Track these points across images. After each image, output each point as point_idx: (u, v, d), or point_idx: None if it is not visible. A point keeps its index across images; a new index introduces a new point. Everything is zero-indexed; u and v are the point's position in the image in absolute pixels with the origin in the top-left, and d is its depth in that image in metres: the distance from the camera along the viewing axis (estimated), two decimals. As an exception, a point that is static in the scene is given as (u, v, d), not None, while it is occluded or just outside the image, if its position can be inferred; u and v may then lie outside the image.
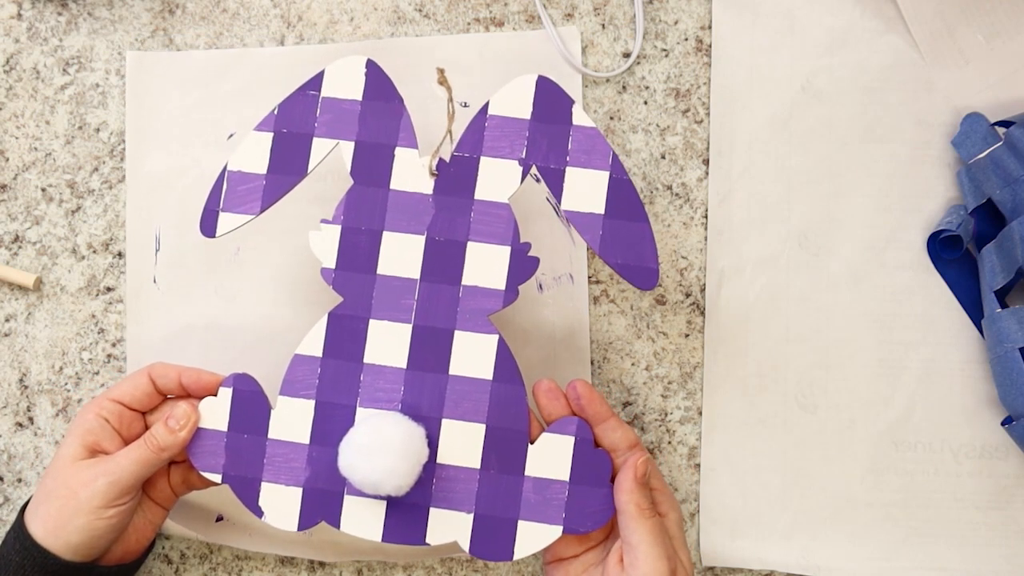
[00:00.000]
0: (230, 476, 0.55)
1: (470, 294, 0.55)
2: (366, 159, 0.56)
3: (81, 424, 0.56)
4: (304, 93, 0.56)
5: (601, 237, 0.55)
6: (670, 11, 0.65)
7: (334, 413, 0.55)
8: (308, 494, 0.55)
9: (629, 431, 0.56)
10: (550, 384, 0.56)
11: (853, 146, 0.64)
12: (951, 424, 0.63)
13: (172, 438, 0.55)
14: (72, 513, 0.54)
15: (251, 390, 0.56)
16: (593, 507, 0.55)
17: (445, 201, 0.56)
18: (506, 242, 0.55)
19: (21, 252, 0.65)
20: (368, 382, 0.55)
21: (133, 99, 0.65)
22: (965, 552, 0.63)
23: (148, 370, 0.57)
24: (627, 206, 0.55)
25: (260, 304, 0.64)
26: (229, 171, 0.56)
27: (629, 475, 0.54)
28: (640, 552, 0.52)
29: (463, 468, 0.55)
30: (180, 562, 0.65)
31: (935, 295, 0.63)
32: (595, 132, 0.55)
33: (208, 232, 0.56)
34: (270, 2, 0.65)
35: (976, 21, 0.63)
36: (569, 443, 0.55)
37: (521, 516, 0.55)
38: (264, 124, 0.57)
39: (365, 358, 0.55)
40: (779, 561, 0.64)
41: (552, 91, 0.56)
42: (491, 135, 0.56)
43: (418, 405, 0.55)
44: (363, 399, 0.55)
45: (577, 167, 0.55)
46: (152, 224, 0.65)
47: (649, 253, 0.55)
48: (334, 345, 0.56)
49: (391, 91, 0.56)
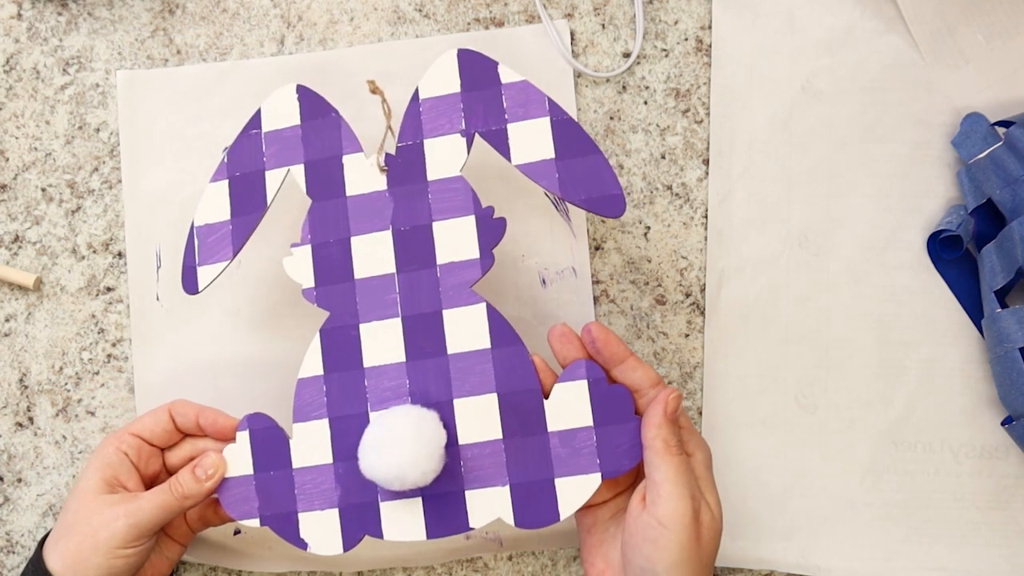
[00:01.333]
0: (267, 517, 0.55)
1: (448, 271, 0.55)
2: (318, 176, 0.57)
3: (101, 457, 0.57)
4: (247, 134, 0.58)
5: (559, 179, 0.55)
6: (670, 11, 0.65)
7: (349, 425, 0.55)
8: (344, 512, 0.55)
9: (650, 369, 0.54)
10: (563, 328, 0.54)
11: (853, 146, 0.64)
12: (951, 424, 0.63)
13: (198, 487, 0.55)
14: (91, 551, 0.54)
15: (266, 427, 0.56)
16: (625, 444, 0.53)
17: (401, 191, 0.56)
18: (468, 212, 0.56)
19: (21, 252, 0.65)
20: (373, 385, 0.55)
21: (126, 118, 0.65)
22: (965, 552, 0.63)
23: (169, 407, 0.58)
24: (576, 143, 0.55)
25: (264, 318, 0.64)
26: (196, 227, 0.58)
27: (659, 410, 0.52)
28: (663, 490, 0.51)
29: (487, 443, 0.54)
30: (180, 562, 0.65)
31: (935, 295, 0.63)
32: (525, 84, 0.55)
33: (190, 290, 0.57)
34: (270, 2, 0.65)
35: (976, 21, 0.63)
36: (583, 387, 0.54)
37: (556, 474, 0.54)
38: (218, 174, 0.58)
39: (364, 363, 0.56)
40: (779, 561, 0.64)
41: (474, 60, 0.56)
42: (428, 116, 0.56)
43: (426, 392, 0.55)
44: (373, 402, 0.55)
45: (517, 121, 0.55)
46: (152, 241, 0.65)
47: (609, 180, 0.54)
48: (332, 360, 0.56)
49: (325, 107, 0.57)
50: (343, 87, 0.63)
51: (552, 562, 0.65)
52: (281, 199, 0.58)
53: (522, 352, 0.55)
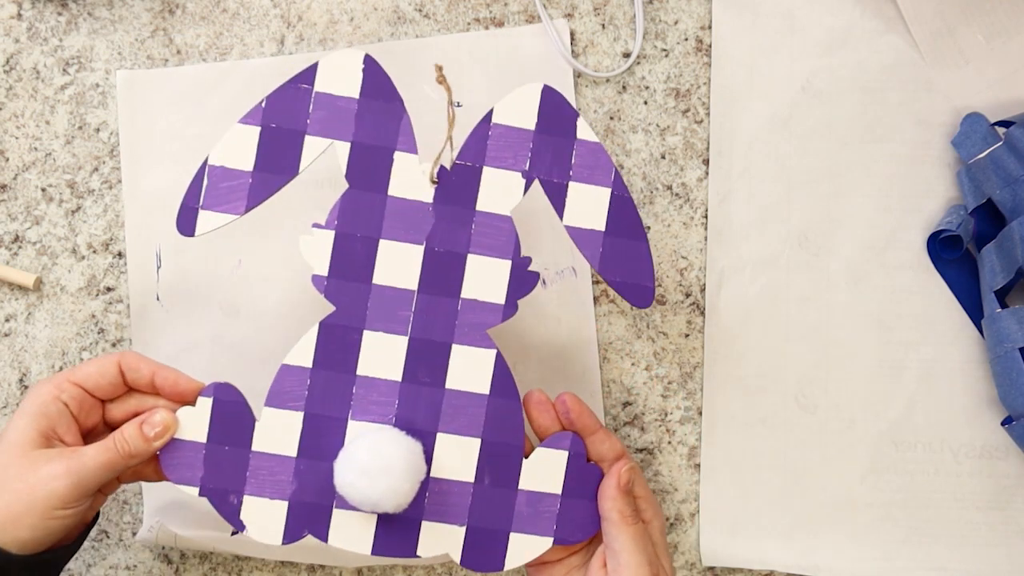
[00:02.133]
0: (208, 489, 0.53)
1: (469, 307, 0.54)
2: (363, 162, 0.54)
3: (37, 405, 0.52)
4: (296, 86, 0.54)
5: (601, 254, 0.55)
6: (670, 11, 0.65)
7: (324, 426, 0.54)
8: (294, 507, 0.54)
9: (616, 442, 0.56)
10: (540, 396, 0.56)
11: (853, 146, 0.64)
12: (951, 424, 0.63)
13: (144, 446, 0.52)
14: (25, 510, 0.50)
15: (233, 400, 0.54)
16: (583, 518, 0.55)
17: (445, 211, 0.54)
18: (507, 256, 0.55)
19: (21, 252, 0.65)
20: (361, 395, 0.54)
21: (126, 119, 0.65)
22: (965, 552, 0.63)
23: (119, 358, 0.54)
24: (627, 224, 0.55)
25: (264, 317, 0.64)
26: (210, 165, 0.53)
27: (612, 482, 0.54)
28: (623, 558, 0.53)
29: (457, 482, 0.55)
30: (180, 562, 0.65)
31: (935, 295, 0.63)
32: (598, 147, 0.55)
33: (186, 230, 0.53)
34: (270, 2, 0.65)
35: (976, 21, 0.63)
36: (563, 457, 0.55)
37: (513, 528, 0.55)
38: (250, 117, 0.54)
39: (358, 370, 0.54)
40: (779, 561, 0.64)
41: (557, 102, 0.55)
42: (494, 144, 0.54)
43: (413, 419, 0.54)
44: (355, 412, 0.54)
45: (580, 182, 0.55)
46: (152, 242, 0.64)
47: (646, 272, 0.55)
48: (325, 356, 0.54)
49: (391, 90, 0.54)
50: None
51: (552, 562, 0.65)
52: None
53: (516, 408, 0.55)
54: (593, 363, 0.64)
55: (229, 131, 0.53)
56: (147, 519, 0.64)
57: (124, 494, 0.65)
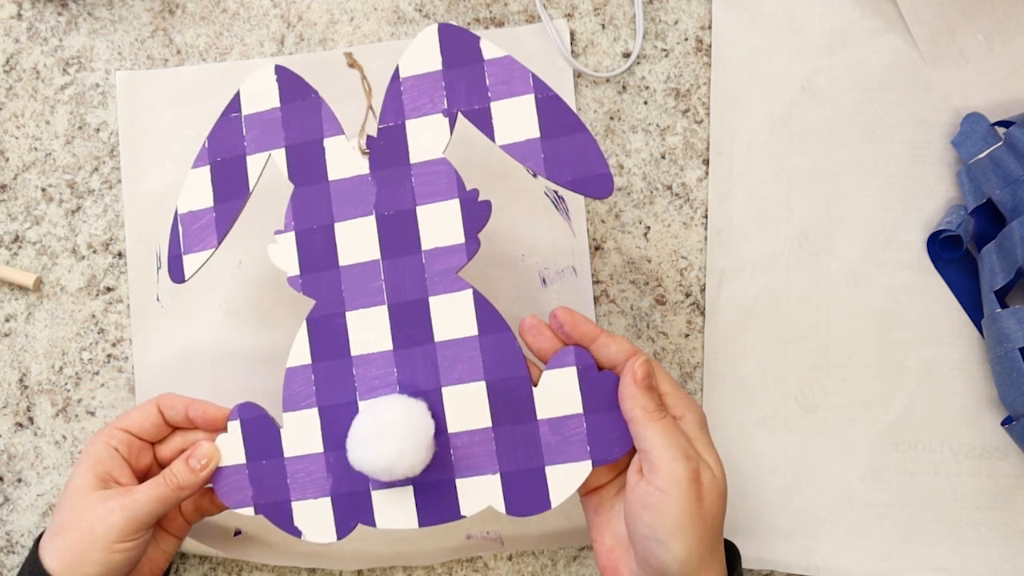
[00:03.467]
0: (261, 506, 0.55)
1: (433, 257, 0.54)
2: (299, 160, 0.56)
3: (91, 455, 0.56)
4: (227, 118, 0.57)
5: (544, 159, 0.53)
6: (670, 11, 0.65)
7: (338, 414, 0.55)
8: (337, 501, 0.55)
9: (623, 342, 0.53)
10: (533, 320, 0.54)
11: (853, 146, 0.64)
12: (951, 424, 0.63)
13: (192, 477, 0.55)
14: (88, 547, 0.54)
15: (257, 416, 0.56)
16: (614, 431, 0.53)
17: (383, 175, 0.55)
18: (452, 195, 0.54)
19: (21, 252, 0.65)
20: (361, 374, 0.55)
21: (125, 119, 0.65)
22: (965, 552, 0.63)
23: (157, 401, 0.58)
24: (561, 121, 0.53)
25: (264, 317, 0.64)
26: (180, 215, 0.57)
27: (628, 381, 0.51)
28: (654, 457, 0.49)
29: (476, 431, 0.54)
30: (180, 562, 0.65)
31: (935, 295, 0.63)
32: (509, 60, 0.54)
33: (177, 278, 0.57)
34: (270, 2, 0.65)
35: (976, 21, 0.63)
36: (572, 374, 0.53)
37: (546, 461, 0.53)
38: (199, 160, 0.57)
39: (352, 351, 0.55)
40: (779, 561, 0.64)
41: (456, 34, 0.54)
42: (409, 96, 0.54)
43: (414, 381, 0.54)
44: (361, 391, 0.55)
45: (501, 99, 0.53)
46: (152, 241, 0.65)
47: (596, 160, 0.53)
48: (320, 348, 0.55)
49: (304, 88, 0.56)
50: (343, 87, 0.63)
51: (552, 562, 0.65)
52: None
53: (510, 339, 0.54)
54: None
55: (186, 180, 0.57)
56: None
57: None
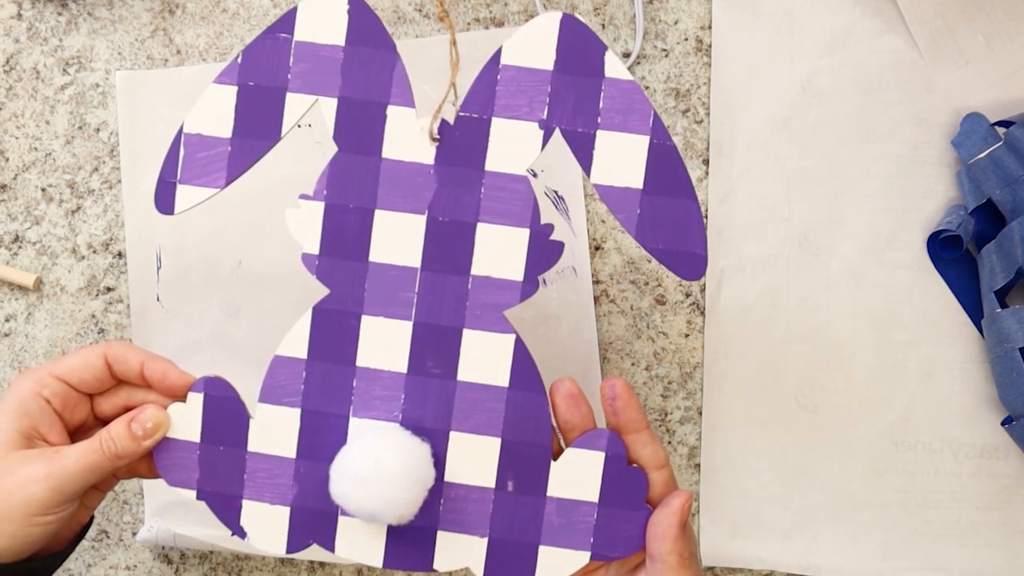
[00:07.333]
0: (206, 492, 0.49)
1: (481, 286, 0.47)
2: (352, 120, 0.47)
3: (17, 403, 0.47)
4: (273, 36, 0.47)
5: (639, 217, 0.46)
6: (670, 11, 0.65)
7: (324, 424, 0.48)
8: (296, 514, 0.49)
9: (660, 448, 0.48)
10: (571, 387, 0.48)
11: (853, 146, 0.64)
12: (951, 424, 0.63)
13: (133, 446, 0.47)
14: (3, 517, 0.46)
15: (225, 396, 0.49)
16: (626, 532, 0.48)
17: (449, 173, 0.47)
18: (524, 223, 0.47)
19: (21, 252, 0.65)
20: (362, 389, 0.48)
21: (125, 119, 0.65)
22: (965, 552, 0.63)
23: (104, 348, 0.49)
24: (670, 179, 0.46)
25: (264, 317, 0.64)
26: (186, 134, 0.47)
27: (675, 521, 0.46)
28: None
29: (475, 487, 0.48)
30: (180, 562, 0.65)
31: (935, 295, 0.63)
32: (632, 86, 0.46)
33: (165, 209, 0.48)
34: (270, 2, 0.65)
35: (976, 21, 0.63)
36: (599, 459, 0.47)
37: (543, 541, 0.48)
38: (226, 75, 0.47)
39: (358, 361, 0.48)
40: (779, 561, 0.64)
41: (580, 33, 0.46)
42: (505, 90, 0.46)
43: (421, 416, 0.48)
44: (357, 408, 0.48)
45: (610, 130, 0.46)
46: (152, 243, 0.65)
47: (696, 236, 0.46)
48: (321, 345, 0.48)
49: (381, 35, 0.47)
50: None
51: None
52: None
53: (542, 403, 0.48)
54: (593, 363, 0.64)
55: (204, 93, 0.48)
56: (147, 519, 0.64)
57: (124, 494, 0.65)
